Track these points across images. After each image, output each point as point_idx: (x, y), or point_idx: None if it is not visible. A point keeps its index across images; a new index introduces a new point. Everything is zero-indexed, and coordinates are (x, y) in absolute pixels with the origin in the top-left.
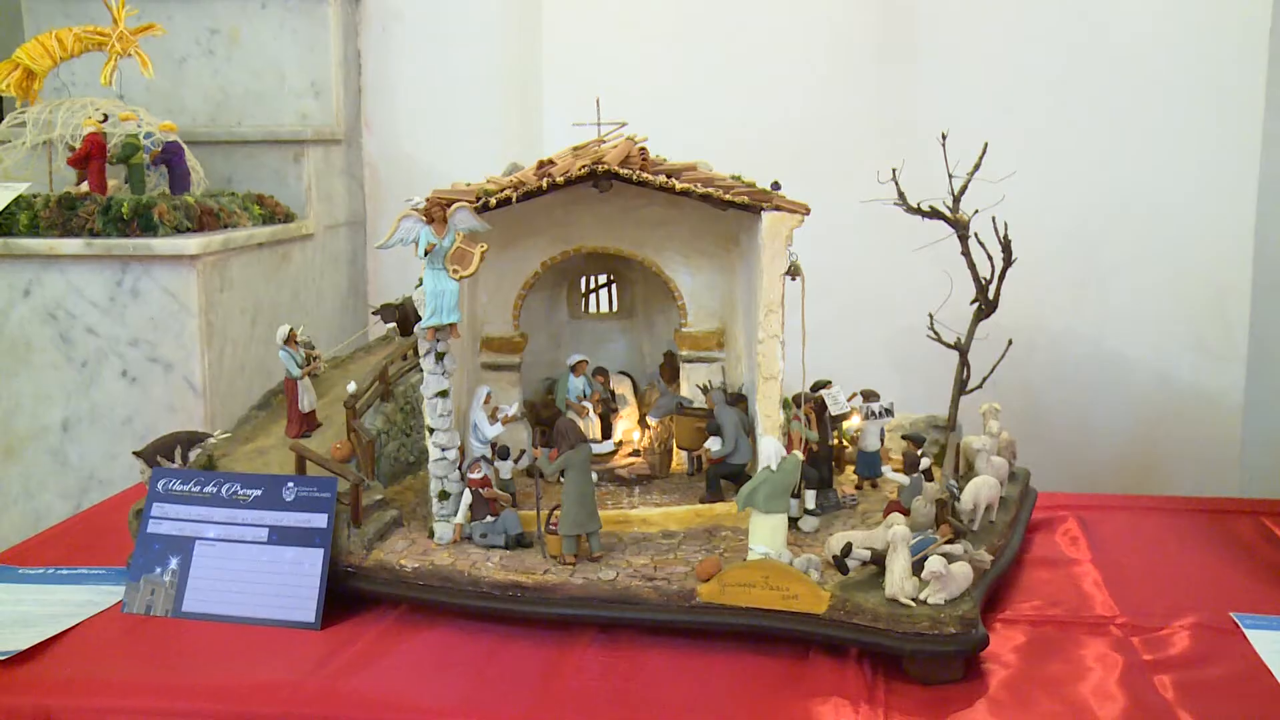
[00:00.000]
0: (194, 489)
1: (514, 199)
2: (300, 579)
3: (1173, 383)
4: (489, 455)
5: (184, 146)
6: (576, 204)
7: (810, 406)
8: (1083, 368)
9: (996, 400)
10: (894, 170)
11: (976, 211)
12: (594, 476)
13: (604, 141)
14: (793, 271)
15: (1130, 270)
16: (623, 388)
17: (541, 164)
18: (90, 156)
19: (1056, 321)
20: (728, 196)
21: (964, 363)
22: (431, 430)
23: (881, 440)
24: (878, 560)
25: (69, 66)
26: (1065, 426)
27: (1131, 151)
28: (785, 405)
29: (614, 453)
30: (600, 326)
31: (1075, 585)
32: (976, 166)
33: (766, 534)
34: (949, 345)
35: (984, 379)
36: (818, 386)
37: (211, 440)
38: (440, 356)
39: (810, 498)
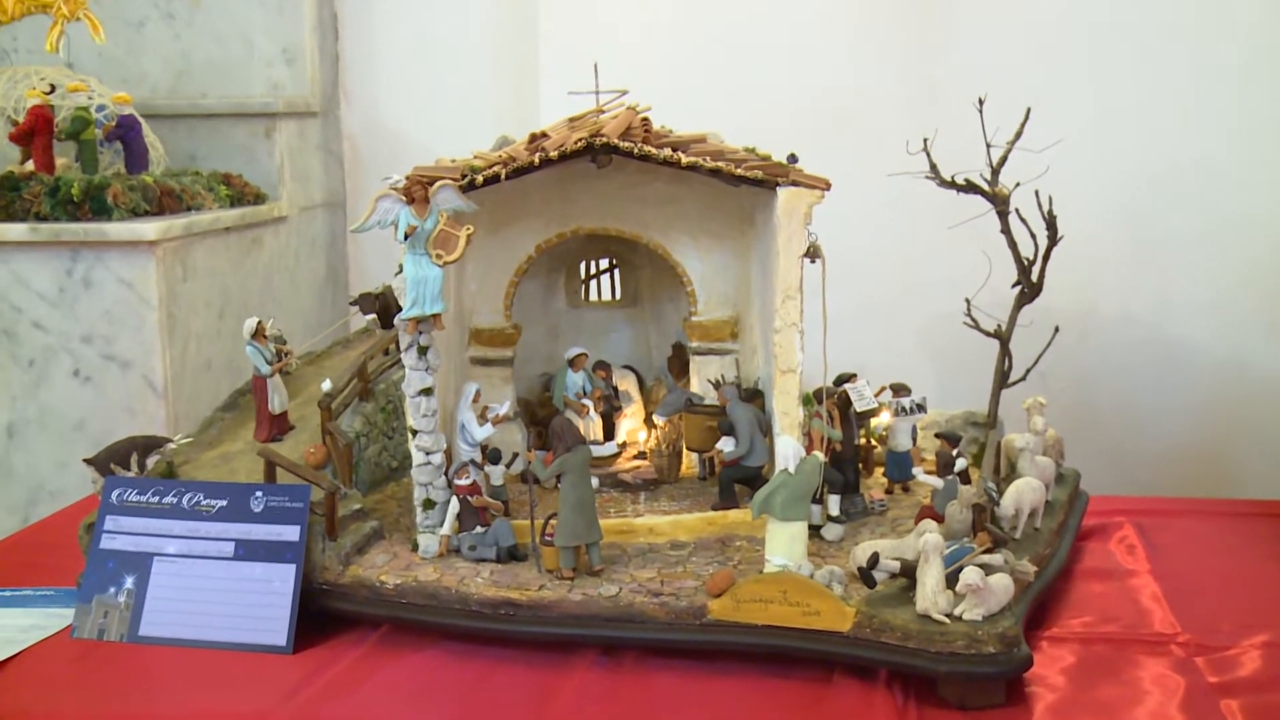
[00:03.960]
0: (152, 500)
1: (504, 176)
2: (270, 598)
3: (1242, 372)
4: (478, 459)
5: (141, 120)
6: (573, 181)
7: (833, 402)
8: (1139, 356)
9: (1042, 394)
10: (925, 140)
11: (1018, 184)
12: (594, 482)
13: (603, 112)
14: (812, 253)
15: (1192, 247)
16: (626, 384)
17: (534, 137)
18: (35, 132)
19: (1109, 305)
20: (740, 171)
21: (1005, 352)
22: (415, 432)
23: (913, 439)
24: (908, 572)
25: (10, 31)
26: (1120, 422)
27: (1191, 114)
28: (805, 401)
29: (617, 455)
30: (601, 316)
31: (1132, 599)
32: (1018, 134)
33: (785, 544)
34: (988, 333)
35: (1027, 370)
36: (841, 380)
37: (172, 445)
38: (423, 351)
39: (833, 503)
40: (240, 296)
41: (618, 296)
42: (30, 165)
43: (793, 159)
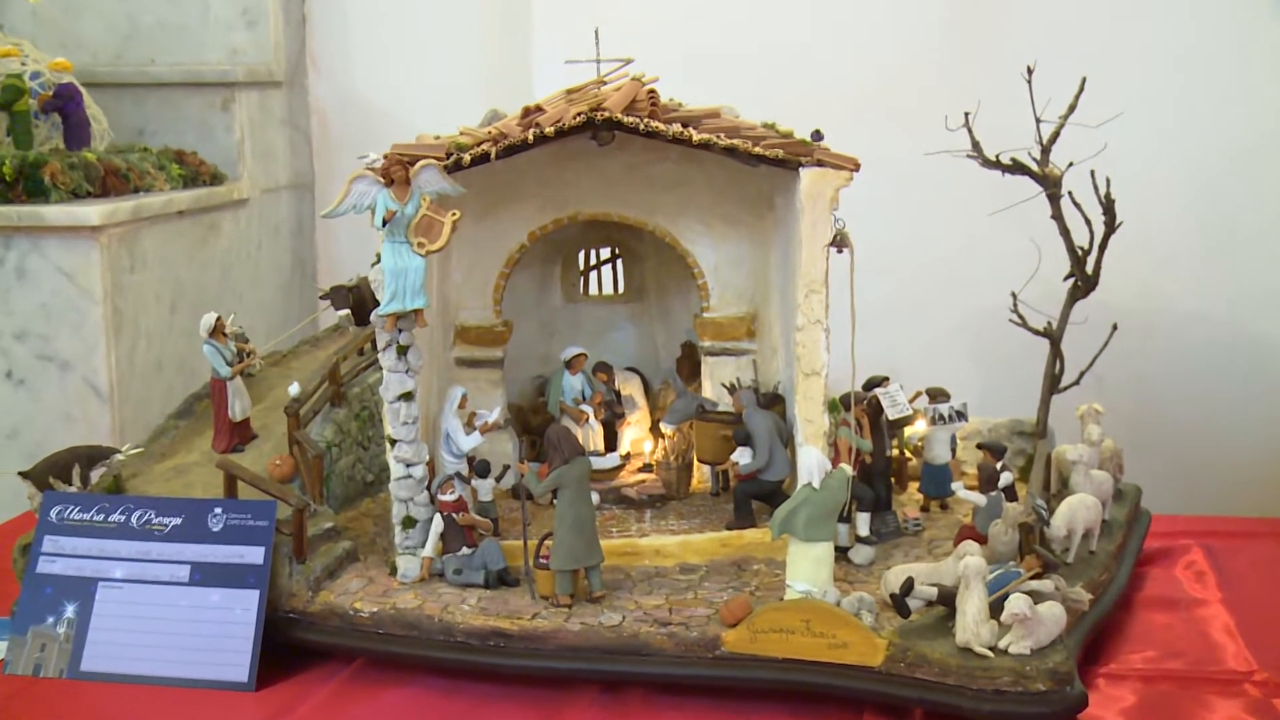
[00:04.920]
0: (96, 518)
1: (494, 155)
2: (230, 628)
3: None
4: (464, 472)
5: (81, 90)
6: (572, 161)
7: (862, 409)
8: (1209, 358)
9: (1098, 400)
10: (967, 114)
11: (1071, 164)
12: (595, 498)
13: (605, 83)
14: (839, 242)
15: (1269, 235)
16: (630, 387)
17: (528, 111)
18: None
19: (1175, 300)
20: (758, 150)
21: (1056, 353)
22: (394, 442)
23: (952, 451)
24: (947, 600)
25: None
26: (1186, 432)
27: (1270, 84)
28: (832, 408)
29: (620, 468)
30: (602, 312)
31: (1200, 632)
32: (1071, 108)
33: (808, 568)
34: (1037, 331)
35: (1082, 373)
36: (872, 384)
37: (119, 457)
38: (403, 350)
39: (863, 522)
40: (195, 289)
41: (621, 290)
42: None
43: (817, 136)
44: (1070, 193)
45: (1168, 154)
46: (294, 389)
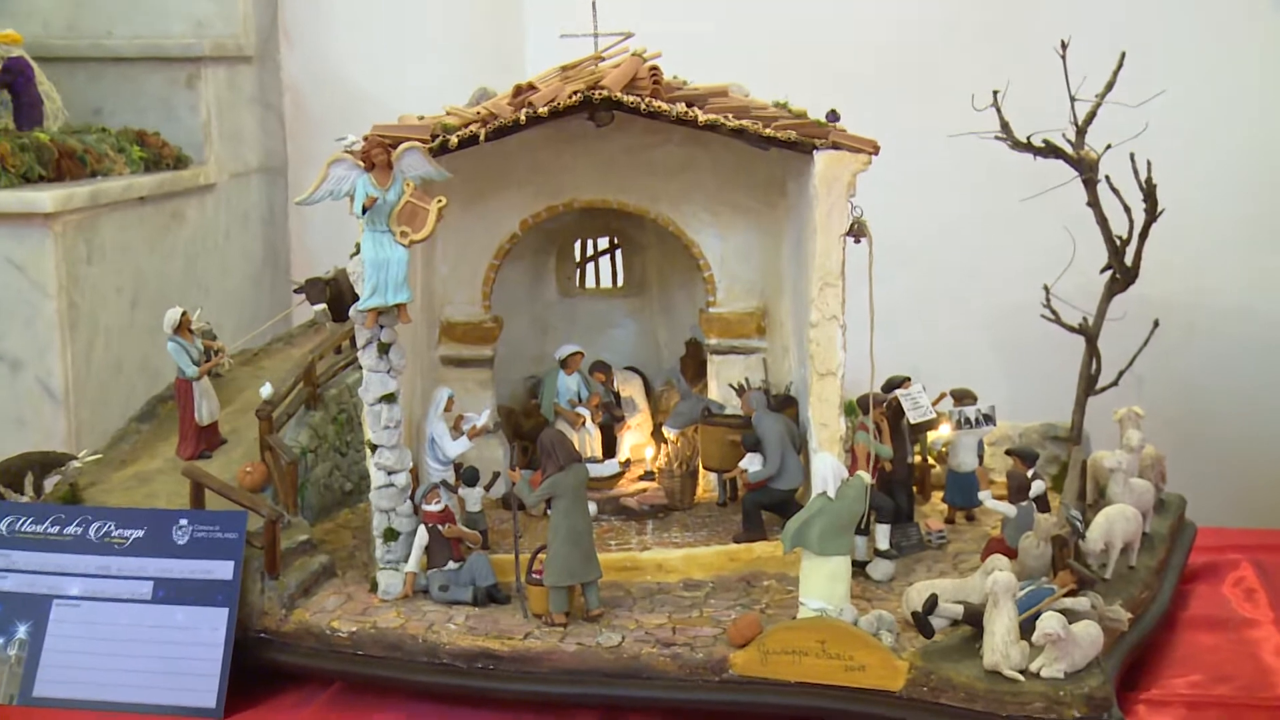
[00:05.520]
0: (51, 531)
1: (483, 137)
2: (197, 650)
3: None
4: (451, 480)
5: (32, 65)
6: (567, 144)
7: (881, 412)
8: (1258, 357)
9: (1138, 402)
10: (995, 93)
11: (1109, 146)
12: (592, 508)
13: (602, 59)
14: (857, 231)
15: None
16: (630, 388)
17: (520, 90)
18: None
19: (1222, 295)
20: (769, 131)
21: (1093, 351)
22: (374, 447)
23: (979, 457)
24: (973, 619)
25: None
26: (1235, 437)
27: None
28: (848, 410)
29: (619, 475)
30: (600, 307)
31: (1251, 654)
32: (1109, 85)
33: (823, 584)
34: (1072, 328)
35: (1121, 373)
36: (892, 385)
37: (76, 464)
38: (385, 349)
39: (882, 535)
40: (158, 282)
41: (620, 283)
42: None
43: (833, 116)
44: (1108, 177)
45: (1214, 135)
46: (266, 390)
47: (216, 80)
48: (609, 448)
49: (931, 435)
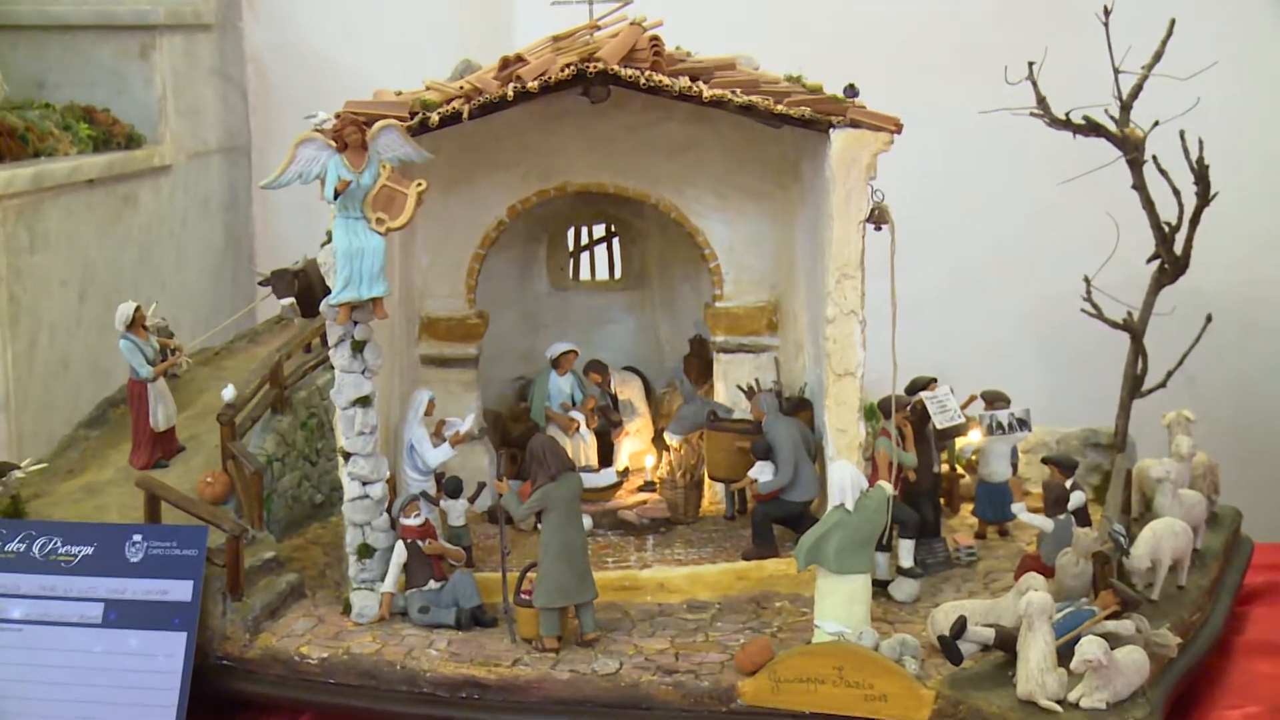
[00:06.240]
0: None
1: (467, 114)
2: (153, 678)
3: None
4: (432, 491)
5: None
6: (560, 121)
7: (905, 416)
8: None
9: (1189, 405)
10: (1031, 65)
11: (1156, 123)
12: (587, 521)
13: (598, 28)
14: (877, 217)
15: None
16: (629, 390)
17: (507, 62)
18: None
19: None
20: (781, 108)
21: (1138, 349)
22: (348, 455)
23: (1013, 466)
24: (1006, 644)
25: None
26: None
27: None
28: (869, 414)
29: (617, 486)
30: (596, 301)
31: None
32: (1157, 56)
33: (841, 605)
34: (1115, 323)
35: (1169, 373)
36: (916, 387)
37: (17, 474)
38: (359, 347)
39: (905, 551)
40: (109, 273)
41: (617, 275)
42: None
43: (851, 92)
44: (1155, 157)
45: (1273, 110)
46: (228, 393)
47: (172, 50)
48: (605, 455)
49: (960, 442)
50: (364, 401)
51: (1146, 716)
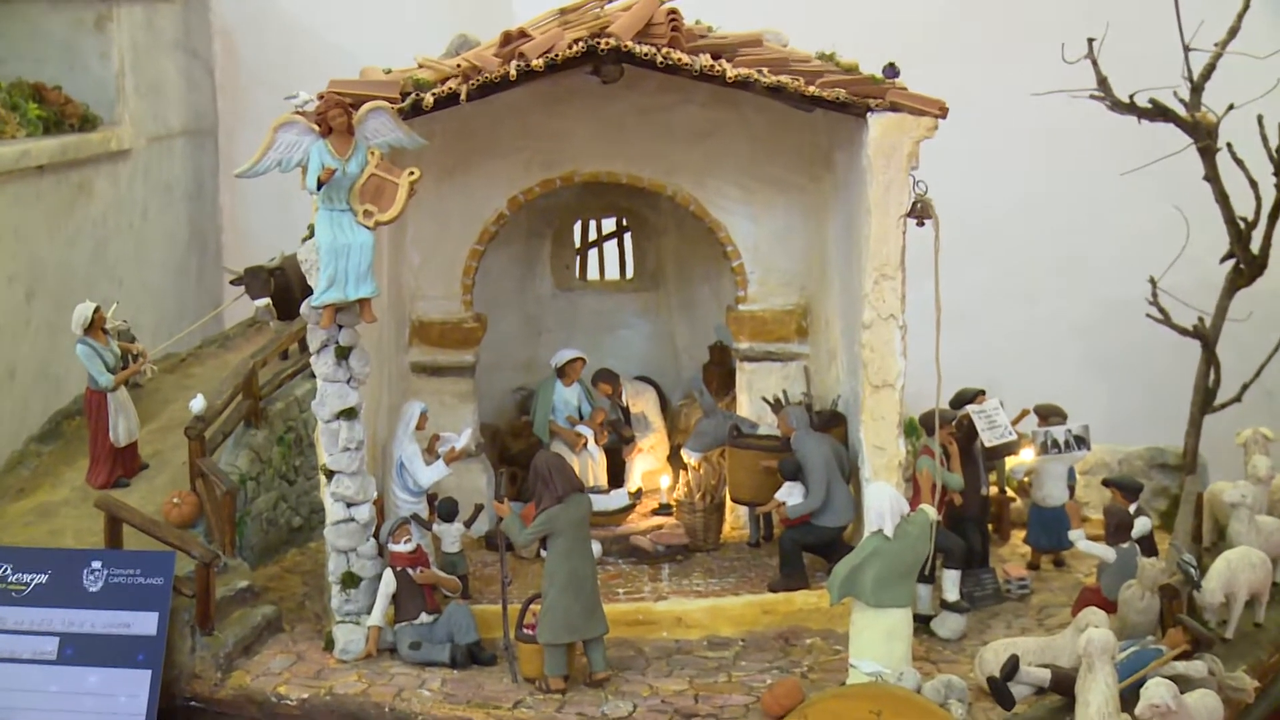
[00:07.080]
0: None
1: (464, 95)
2: None
3: None
4: (424, 514)
5: None
6: (567, 104)
7: (950, 432)
8: None
9: (1267, 423)
10: (1091, 42)
11: (1231, 107)
12: (596, 548)
13: (609, 0)
14: (920, 212)
15: None
16: (642, 403)
17: (509, 38)
18: None
19: None
20: (813, 89)
21: (1210, 359)
22: (330, 474)
23: (1070, 489)
24: (1064, 686)
25: None
26: None
27: None
28: (909, 430)
29: (629, 509)
30: (606, 303)
31: None
32: (1232, 32)
33: (879, 642)
34: (1184, 330)
35: (1245, 386)
36: (963, 400)
37: None
38: (344, 353)
39: (951, 582)
40: (60, 270)
41: (629, 274)
42: None
43: (891, 71)
44: (1229, 145)
45: None
46: (197, 404)
47: (131, 21)
48: (616, 475)
49: (1011, 461)
50: (349, 414)
51: None
